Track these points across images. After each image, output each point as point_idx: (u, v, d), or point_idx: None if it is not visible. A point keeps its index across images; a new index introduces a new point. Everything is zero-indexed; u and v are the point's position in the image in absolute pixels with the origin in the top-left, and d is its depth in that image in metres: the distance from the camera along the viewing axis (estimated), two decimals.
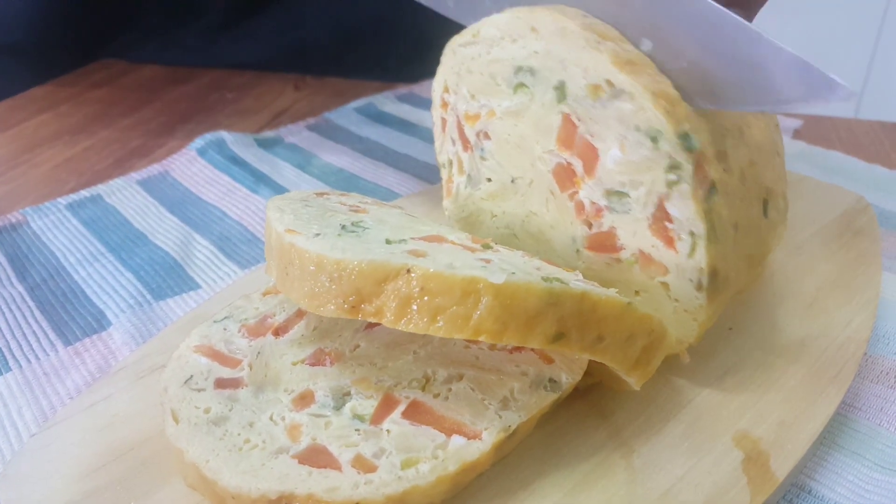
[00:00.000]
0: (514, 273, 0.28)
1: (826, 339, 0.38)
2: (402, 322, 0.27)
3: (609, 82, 0.33)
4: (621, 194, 0.34)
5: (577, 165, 0.35)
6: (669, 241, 0.33)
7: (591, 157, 0.35)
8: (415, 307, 0.26)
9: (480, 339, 0.26)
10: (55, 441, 0.33)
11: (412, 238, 0.32)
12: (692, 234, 0.32)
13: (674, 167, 0.32)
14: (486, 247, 0.33)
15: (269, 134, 0.68)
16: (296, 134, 0.68)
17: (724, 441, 0.32)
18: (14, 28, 0.82)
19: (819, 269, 0.44)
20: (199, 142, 0.64)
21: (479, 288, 0.26)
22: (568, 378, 0.31)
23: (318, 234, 0.30)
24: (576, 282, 0.29)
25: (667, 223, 0.33)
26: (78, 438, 0.33)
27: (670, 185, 0.32)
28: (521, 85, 0.37)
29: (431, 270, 0.27)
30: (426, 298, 0.26)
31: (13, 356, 0.41)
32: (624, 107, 0.32)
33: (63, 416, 0.34)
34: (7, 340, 0.42)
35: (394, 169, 0.62)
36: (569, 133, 0.35)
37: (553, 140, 0.36)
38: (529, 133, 0.37)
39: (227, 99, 0.78)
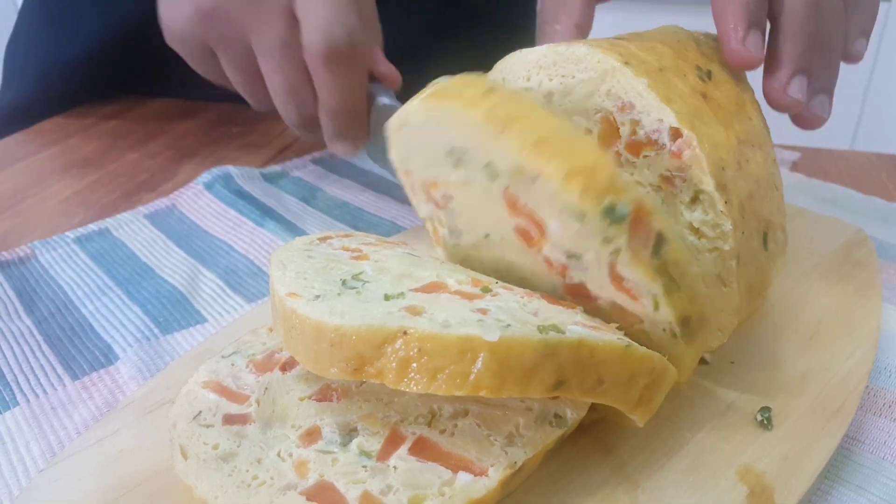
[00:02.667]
0: (509, 325, 0.28)
1: (828, 372, 0.38)
2: (404, 382, 0.27)
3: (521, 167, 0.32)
4: (577, 256, 0.33)
5: (532, 229, 0.35)
6: (634, 297, 0.33)
7: (538, 224, 0.34)
8: (414, 366, 0.27)
9: (481, 394, 0.27)
10: (63, 476, 0.33)
11: (411, 290, 0.32)
12: (650, 292, 0.32)
13: (608, 240, 0.31)
14: (486, 290, 0.33)
15: (274, 168, 0.69)
16: (301, 168, 0.69)
17: (728, 476, 0.32)
18: (65, 79, 0.85)
19: (819, 302, 0.44)
20: (206, 176, 0.65)
21: (474, 346, 0.27)
22: (573, 413, 0.32)
23: (318, 296, 0.31)
24: (573, 326, 0.29)
25: (624, 283, 0.32)
26: (86, 474, 0.33)
27: (612, 254, 0.31)
28: (460, 161, 0.37)
29: (427, 332, 0.27)
30: (425, 359, 0.27)
31: (21, 390, 0.41)
32: (545, 188, 0.32)
33: (71, 452, 0.34)
34: (15, 375, 0.42)
35: (396, 202, 0.63)
36: (513, 203, 0.35)
37: (503, 207, 0.36)
38: (482, 200, 0.37)
39: (234, 133, 0.79)
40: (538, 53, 0.39)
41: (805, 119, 0.42)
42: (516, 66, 0.41)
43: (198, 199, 0.63)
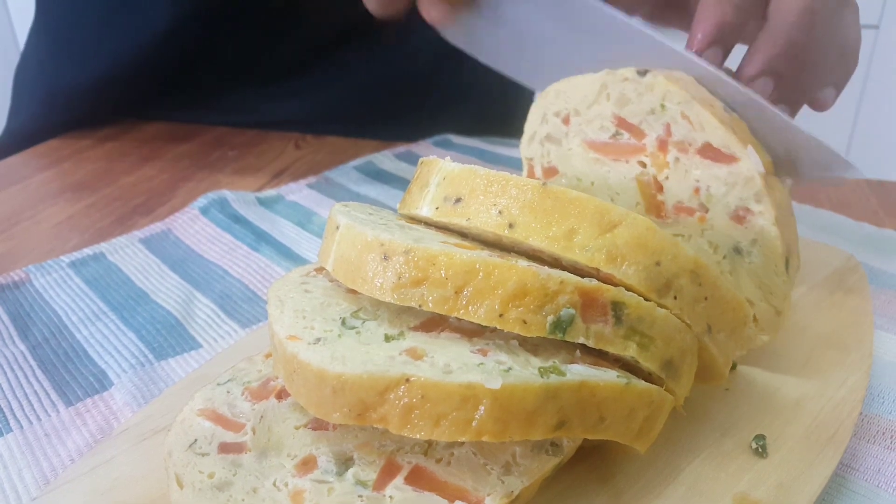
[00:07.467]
0: (510, 369, 0.28)
1: (822, 399, 0.39)
2: (407, 428, 0.27)
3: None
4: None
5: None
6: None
7: None
8: (417, 413, 0.27)
9: (483, 439, 0.27)
10: None
11: (411, 328, 0.32)
12: (628, 356, 0.31)
13: (570, 348, 0.32)
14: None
15: (270, 192, 0.69)
16: (296, 192, 0.70)
17: None
18: (68, 105, 0.86)
19: (812, 329, 0.45)
20: (201, 200, 0.65)
21: (476, 393, 0.27)
22: (569, 441, 0.32)
23: (318, 339, 0.31)
24: (574, 366, 0.30)
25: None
26: (80, 502, 0.33)
27: (580, 350, 0.32)
28: None
29: (429, 379, 0.27)
30: (427, 406, 0.27)
31: (14, 417, 0.41)
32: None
33: (65, 479, 0.34)
34: (8, 401, 0.42)
35: None
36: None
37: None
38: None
39: (229, 157, 0.79)
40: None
41: None
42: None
43: (193, 223, 0.63)
